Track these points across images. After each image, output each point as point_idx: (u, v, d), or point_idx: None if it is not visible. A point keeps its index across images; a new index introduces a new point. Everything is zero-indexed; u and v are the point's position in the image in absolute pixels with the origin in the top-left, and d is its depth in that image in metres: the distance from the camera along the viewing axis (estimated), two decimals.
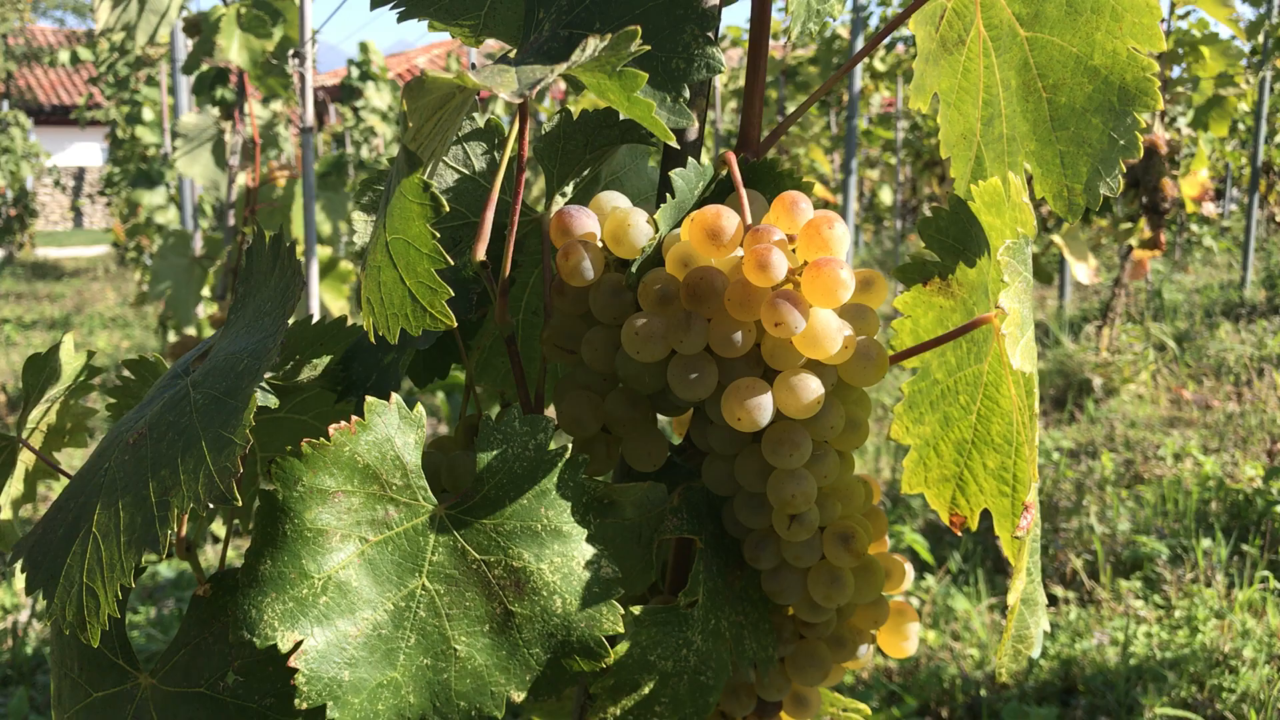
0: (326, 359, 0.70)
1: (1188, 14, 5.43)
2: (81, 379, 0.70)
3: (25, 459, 0.70)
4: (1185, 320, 6.99)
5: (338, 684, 0.54)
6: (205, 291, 3.61)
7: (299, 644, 0.53)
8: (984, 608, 3.35)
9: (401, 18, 0.64)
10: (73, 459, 4.71)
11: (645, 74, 0.53)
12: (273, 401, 0.59)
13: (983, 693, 2.93)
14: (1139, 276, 5.64)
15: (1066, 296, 7.33)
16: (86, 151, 20.24)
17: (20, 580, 0.61)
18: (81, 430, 0.72)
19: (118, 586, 0.54)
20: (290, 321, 0.58)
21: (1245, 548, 3.58)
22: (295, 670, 0.53)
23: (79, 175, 20.58)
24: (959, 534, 0.66)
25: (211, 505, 0.52)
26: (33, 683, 3.10)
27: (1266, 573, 3.39)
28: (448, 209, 0.54)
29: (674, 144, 0.60)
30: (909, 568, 0.70)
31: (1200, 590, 3.34)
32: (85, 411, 0.72)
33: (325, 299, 3.37)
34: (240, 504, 0.52)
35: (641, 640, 0.60)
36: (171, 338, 4.53)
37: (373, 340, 0.57)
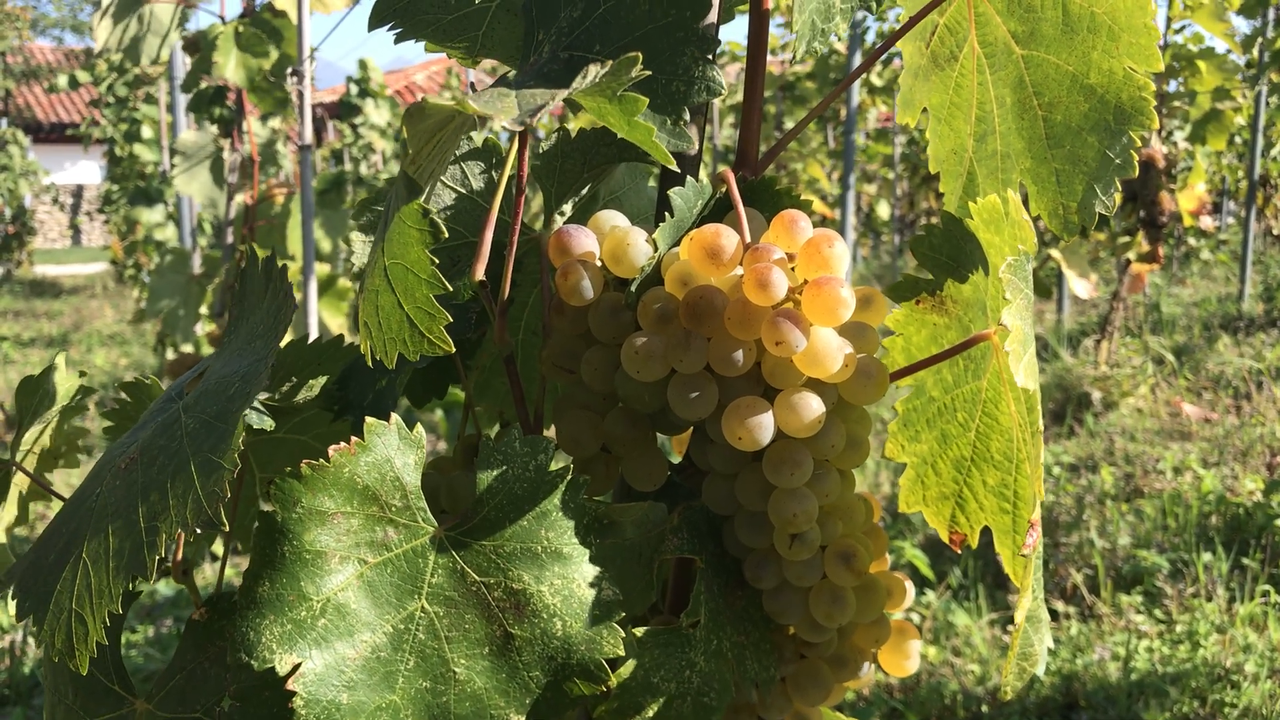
0: (323, 379, 0.70)
1: (1183, 28, 5.46)
2: (75, 400, 0.69)
3: (19, 481, 0.70)
4: (1184, 333, 7.00)
5: (336, 707, 0.53)
6: (203, 309, 3.61)
7: (297, 667, 0.53)
8: (985, 623, 3.34)
9: (399, 39, 0.64)
10: (70, 478, 4.69)
11: (646, 98, 0.53)
12: (268, 424, 0.59)
13: (984, 709, 2.91)
14: (1137, 290, 5.65)
15: (1065, 310, 7.33)
16: (85, 169, 20.27)
17: (13, 605, 0.61)
18: (75, 451, 0.71)
19: (105, 613, 0.53)
20: (282, 343, 0.58)
21: (1246, 562, 3.57)
22: (292, 694, 0.53)
23: (77, 193, 20.61)
24: (959, 551, 0.65)
25: (199, 530, 0.52)
26: (30, 704, 3.08)
27: (1267, 587, 3.38)
28: (446, 234, 0.54)
29: (673, 166, 0.60)
30: (910, 586, 0.70)
31: (1201, 605, 3.33)
32: (77, 432, 0.72)
33: (324, 316, 3.37)
34: (228, 529, 0.52)
35: (645, 662, 0.60)
36: (170, 355, 4.53)
37: (369, 364, 0.57)
